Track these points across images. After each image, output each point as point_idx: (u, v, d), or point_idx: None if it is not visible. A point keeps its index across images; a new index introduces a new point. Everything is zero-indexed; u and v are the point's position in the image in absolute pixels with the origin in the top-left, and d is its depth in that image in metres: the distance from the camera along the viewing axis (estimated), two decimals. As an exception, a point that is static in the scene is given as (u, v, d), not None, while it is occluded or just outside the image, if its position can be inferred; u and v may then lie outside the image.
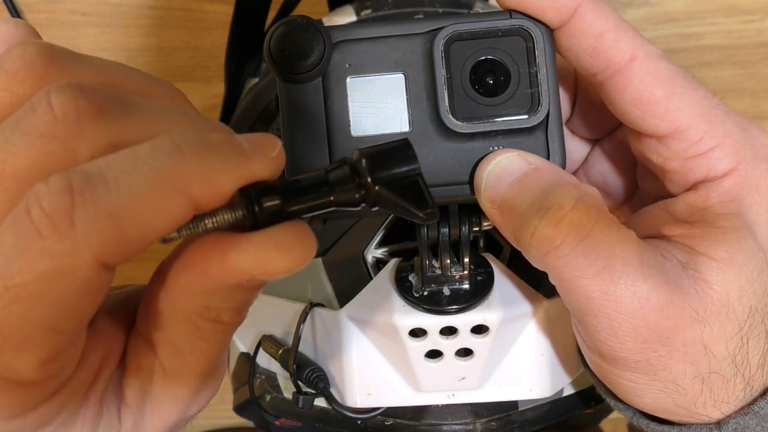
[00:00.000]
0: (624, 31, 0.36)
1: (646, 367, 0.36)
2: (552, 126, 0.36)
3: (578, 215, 0.33)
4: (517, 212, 0.35)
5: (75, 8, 1.01)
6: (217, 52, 1.04)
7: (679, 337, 0.35)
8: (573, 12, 0.35)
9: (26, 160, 0.25)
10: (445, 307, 0.39)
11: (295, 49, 0.35)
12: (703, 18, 0.99)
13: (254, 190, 0.27)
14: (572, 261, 0.33)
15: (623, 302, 0.34)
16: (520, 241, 0.35)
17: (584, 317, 0.35)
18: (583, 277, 0.33)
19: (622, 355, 0.35)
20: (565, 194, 0.34)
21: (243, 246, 0.26)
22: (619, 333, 0.34)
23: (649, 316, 0.34)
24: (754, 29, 1.00)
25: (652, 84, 0.36)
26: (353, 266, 0.47)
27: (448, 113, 0.36)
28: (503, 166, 0.35)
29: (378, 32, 0.36)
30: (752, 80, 1.02)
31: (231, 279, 0.27)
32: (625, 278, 0.34)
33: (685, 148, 0.36)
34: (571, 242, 0.33)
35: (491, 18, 0.36)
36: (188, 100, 0.31)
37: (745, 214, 0.36)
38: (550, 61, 0.36)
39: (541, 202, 0.34)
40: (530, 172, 0.35)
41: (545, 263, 0.34)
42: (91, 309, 0.26)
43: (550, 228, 0.33)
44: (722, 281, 0.35)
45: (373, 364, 0.42)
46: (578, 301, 0.34)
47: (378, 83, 0.36)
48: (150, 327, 0.30)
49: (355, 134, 0.36)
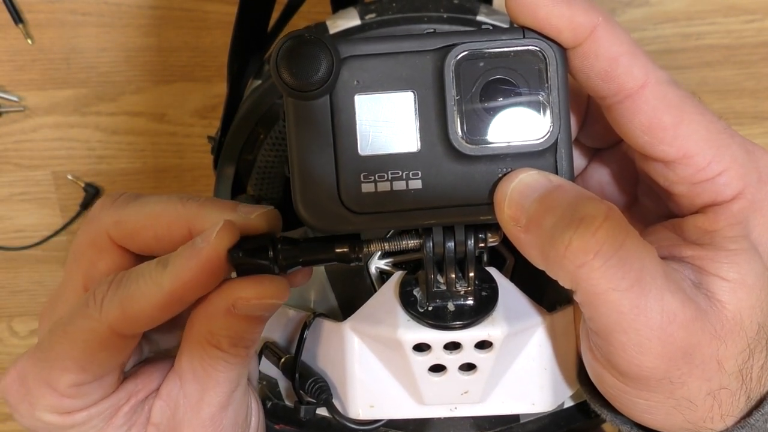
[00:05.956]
0: (637, 57, 0.35)
1: (666, 386, 0.36)
2: (561, 148, 0.36)
3: (611, 226, 0.33)
4: (545, 227, 0.34)
5: (75, 8, 1.01)
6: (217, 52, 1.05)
7: (699, 354, 0.35)
8: (589, 34, 0.35)
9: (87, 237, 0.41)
10: (449, 322, 0.39)
11: (303, 65, 0.34)
12: (703, 18, 0.99)
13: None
14: (607, 272, 0.33)
15: (653, 317, 0.34)
16: (551, 256, 0.34)
17: (612, 334, 0.35)
18: (617, 289, 0.33)
19: (645, 375, 0.35)
20: (597, 206, 0.34)
21: (231, 280, 0.38)
22: (647, 350, 0.34)
23: (677, 332, 0.34)
24: (754, 29, 1.00)
25: (662, 111, 0.35)
26: (357, 276, 0.47)
27: (458, 135, 0.35)
28: (527, 183, 0.35)
29: (387, 48, 0.35)
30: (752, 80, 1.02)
31: (221, 302, 0.37)
32: (655, 292, 0.34)
33: (692, 173, 0.36)
34: (606, 253, 0.33)
35: (504, 36, 0.35)
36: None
37: (750, 235, 0.37)
38: (563, 83, 0.35)
39: (571, 215, 0.34)
40: (554, 189, 0.35)
41: (578, 276, 0.34)
42: (110, 361, 0.38)
43: (585, 239, 0.33)
44: (735, 301, 0.35)
45: (375, 376, 0.42)
46: (608, 317, 0.34)
47: (387, 101, 0.35)
48: (180, 358, 0.39)
49: (362, 153, 0.36)
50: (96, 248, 0.40)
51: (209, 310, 0.37)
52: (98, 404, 0.39)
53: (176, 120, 1.05)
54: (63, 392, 0.38)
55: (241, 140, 0.57)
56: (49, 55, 1.03)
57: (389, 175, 0.36)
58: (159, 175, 1.08)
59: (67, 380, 0.37)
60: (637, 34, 0.98)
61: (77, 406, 0.38)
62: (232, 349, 0.38)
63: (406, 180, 0.36)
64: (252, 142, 0.57)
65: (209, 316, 0.38)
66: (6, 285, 1.13)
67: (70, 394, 0.38)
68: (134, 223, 0.39)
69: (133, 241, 0.40)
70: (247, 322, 0.38)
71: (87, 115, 1.05)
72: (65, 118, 1.05)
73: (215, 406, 0.39)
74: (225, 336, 0.38)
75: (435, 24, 0.55)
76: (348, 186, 0.36)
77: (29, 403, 0.39)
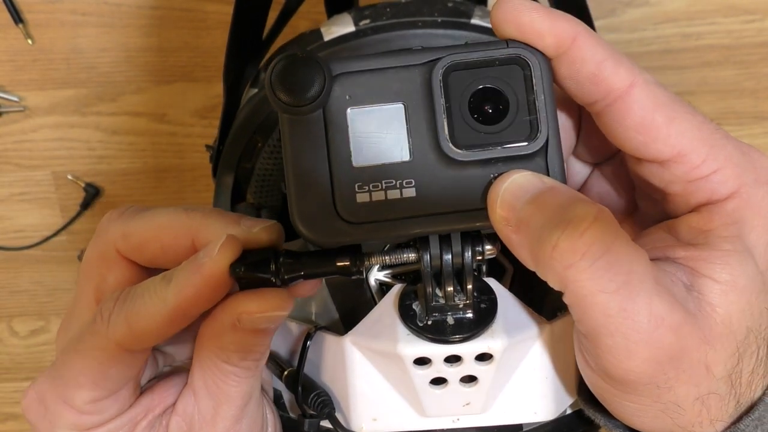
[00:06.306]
0: (621, 59, 0.36)
1: (652, 390, 0.36)
2: (551, 151, 0.36)
3: (600, 228, 0.33)
4: (535, 228, 0.34)
5: (75, 8, 1.01)
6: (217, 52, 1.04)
7: (687, 358, 0.35)
8: (572, 41, 0.35)
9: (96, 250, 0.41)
10: (449, 336, 0.39)
11: (296, 82, 0.35)
12: (703, 18, 0.99)
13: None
14: (594, 274, 0.33)
15: (640, 321, 0.34)
16: (539, 257, 0.34)
17: (599, 337, 0.35)
18: (604, 292, 0.33)
19: (632, 378, 0.35)
20: (586, 208, 0.34)
21: (234, 295, 0.38)
22: (634, 354, 0.34)
23: (664, 337, 0.34)
24: (754, 29, 1.00)
25: (653, 109, 0.36)
26: (357, 288, 0.47)
27: (448, 141, 0.36)
28: (519, 184, 0.35)
29: (377, 64, 0.36)
30: (752, 80, 1.02)
31: (226, 318, 0.37)
32: (643, 295, 0.34)
33: (687, 171, 0.36)
34: (593, 254, 0.33)
35: (488, 47, 0.36)
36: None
37: (745, 236, 0.37)
38: (548, 88, 0.36)
39: (561, 216, 0.34)
40: (546, 190, 0.35)
41: (565, 278, 0.34)
42: (122, 376, 0.39)
43: (573, 239, 0.33)
44: (725, 304, 0.35)
45: (377, 390, 0.43)
46: (595, 320, 0.34)
47: (378, 114, 0.36)
48: (193, 374, 0.40)
49: (356, 164, 0.36)
50: (105, 262, 0.41)
51: (216, 326, 0.38)
52: (116, 419, 0.40)
53: (176, 120, 1.06)
54: (80, 409, 0.39)
55: (239, 149, 0.57)
56: (49, 55, 1.03)
57: (383, 184, 0.36)
58: (159, 175, 1.08)
59: (83, 397, 0.38)
60: (637, 34, 0.98)
61: (95, 422, 0.39)
62: (242, 362, 0.39)
63: (400, 188, 0.36)
64: (250, 151, 0.57)
65: (217, 333, 0.38)
66: (6, 285, 1.13)
67: (88, 411, 0.39)
68: (141, 236, 0.40)
69: (140, 253, 0.40)
70: (253, 335, 0.38)
71: (87, 115, 1.05)
72: (65, 118, 1.05)
73: (230, 420, 0.40)
74: (234, 351, 0.38)
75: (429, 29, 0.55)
76: (343, 197, 0.36)
77: (49, 422, 0.40)
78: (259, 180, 0.58)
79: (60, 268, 1.12)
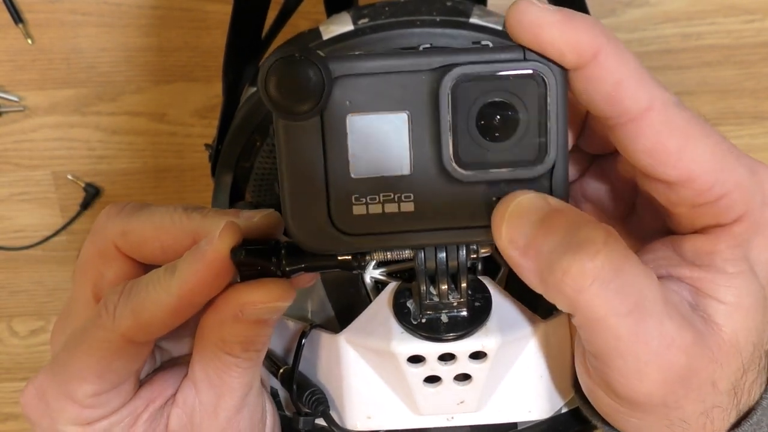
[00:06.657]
0: (643, 80, 0.34)
1: (662, 409, 0.36)
2: (557, 174, 0.35)
3: (610, 251, 0.32)
4: (543, 252, 0.33)
5: (75, 8, 1.01)
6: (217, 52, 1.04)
7: (696, 378, 0.35)
8: (593, 56, 0.33)
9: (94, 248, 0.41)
10: (443, 334, 0.39)
11: (293, 85, 0.33)
12: (703, 18, 0.99)
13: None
14: (606, 298, 0.32)
15: (652, 342, 0.33)
16: (549, 281, 0.33)
17: (610, 359, 0.34)
18: (616, 315, 0.33)
19: (642, 400, 0.35)
20: (595, 231, 0.33)
21: (236, 286, 0.38)
22: (646, 376, 0.34)
23: (676, 358, 0.34)
24: (754, 29, 1.00)
25: (667, 135, 0.34)
26: (352, 286, 0.47)
27: (451, 161, 0.34)
28: (525, 207, 0.34)
29: (381, 67, 0.34)
30: (752, 80, 1.02)
31: (229, 309, 0.38)
32: (654, 317, 0.33)
33: (694, 195, 0.35)
34: (604, 278, 0.32)
35: (503, 56, 0.34)
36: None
37: (749, 254, 0.36)
38: (562, 109, 0.34)
39: (569, 240, 0.33)
40: (553, 212, 0.34)
41: (577, 302, 0.33)
42: (126, 369, 0.39)
43: (583, 264, 0.32)
44: (731, 323, 0.35)
45: (372, 388, 0.43)
46: (606, 342, 0.34)
47: (380, 122, 0.34)
48: (193, 366, 0.40)
49: (354, 176, 0.35)
50: (103, 258, 0.41)
51: (218, 317, 0.38)
52: (117, 412, 0.40)
53: (176, 120, 1.05)
54: (82, 403, 0.39)
55: (237, 148, 0.57)
56: (49, 55, 1.03)
57: (381, 197, 0.35)
58: (159, 175, 1.08)
59: (85, 390, 0.38)
60: (637, 34, 0.98)
61: (97, 415, 0.39)
62: (244, 353, 0.39)
63: (398, 203, 0.35)
64: (249, 150, 0.57)
65: (219, 324, 0.38)
66: (6, 285, 1.13)
67: (90, 404, 0.39)
68: (141, 235, 0.40)
69: (140, 251, 0.40)
70: (256, 326, 0.39)
71: (87, 115, 1.05)
72: (65, 118, 1.05)
73: (231, 410, 0.40)
74: (236, 342, 0.39)
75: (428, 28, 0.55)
76: (339, 208, 0.35)
77: (50, 418, 0.40)
78: (257, 179, 0.58)
79: (60, 268, 1.12)
